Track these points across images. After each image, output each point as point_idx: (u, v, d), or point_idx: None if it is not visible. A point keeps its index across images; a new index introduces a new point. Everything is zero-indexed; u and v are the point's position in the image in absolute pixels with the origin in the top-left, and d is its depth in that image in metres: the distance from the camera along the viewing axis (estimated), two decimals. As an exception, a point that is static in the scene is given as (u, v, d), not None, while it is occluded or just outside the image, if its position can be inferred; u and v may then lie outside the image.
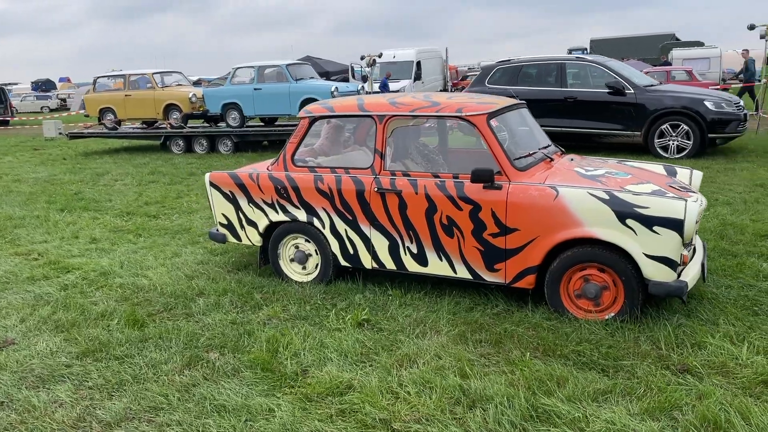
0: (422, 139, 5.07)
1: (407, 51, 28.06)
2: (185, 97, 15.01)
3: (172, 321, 4.15)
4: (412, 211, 4.16)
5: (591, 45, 41.69)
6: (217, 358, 3.55)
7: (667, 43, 37.44)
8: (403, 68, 27.05)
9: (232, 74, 14.63)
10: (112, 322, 4.16)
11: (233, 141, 14.30)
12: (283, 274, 4.81)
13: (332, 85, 13.77)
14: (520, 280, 3.93)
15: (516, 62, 12.01)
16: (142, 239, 6.61)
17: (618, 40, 41.69)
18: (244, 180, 4.82)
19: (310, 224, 4.58)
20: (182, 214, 7.84)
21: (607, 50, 39.11)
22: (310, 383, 3.20)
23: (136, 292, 4.74)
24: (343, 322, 3.94)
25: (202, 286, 4.75)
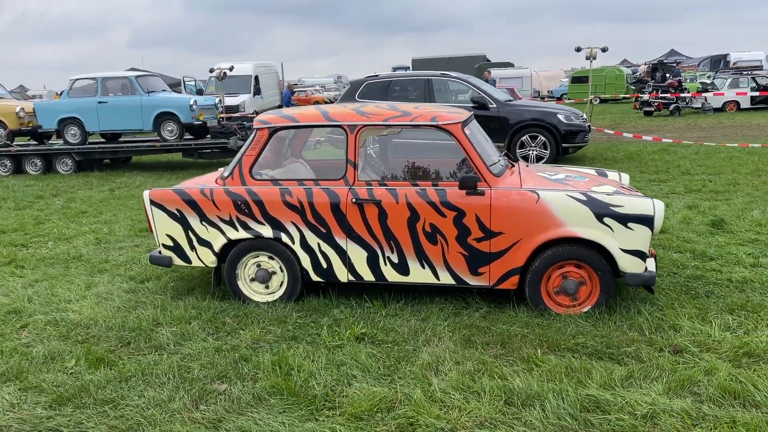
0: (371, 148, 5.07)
1: (245, 65, 27.42)
2: (12, 112, 13.28)
3: (144, 355, 3.68)
4: (393, 220, 4.15)
5: (413, 63, 44.16)
6: (227, 389, 3.23)
7: (482, 63, 40.95)
8: (241, 82, 26.41)
9: (70, 86, 13.21)
10: (69, 364, 3.58)
11: (75, 160, 12.92)
12: (242, 296, 4.50)
13: (191, 98, 13.05)
14: (504, 281, 4.11)
15: (384, 77, 12.40)
16: (28, 271, 5.75)
17: (437, 60, 44.64)
18: (194, 196, 4.43)
19: (276, 240, 4.35)
20: (58, 242, 6.94)
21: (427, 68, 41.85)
22: (349, 402, 3.05)
23: (74, 329, 4.13)
24: (339, 338, 3.80)
25: (154, 315, 4.26)
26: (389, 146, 5.20)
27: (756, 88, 24.12)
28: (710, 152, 12.11)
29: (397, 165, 4.70)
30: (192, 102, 12.77)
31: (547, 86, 44.27)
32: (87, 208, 8.89)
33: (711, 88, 25.22)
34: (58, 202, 9.57)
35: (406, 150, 5.18)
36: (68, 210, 8.85)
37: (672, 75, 27.77)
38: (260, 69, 28.43)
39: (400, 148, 5.63)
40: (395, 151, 5.33)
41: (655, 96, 24.62)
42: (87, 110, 12.87)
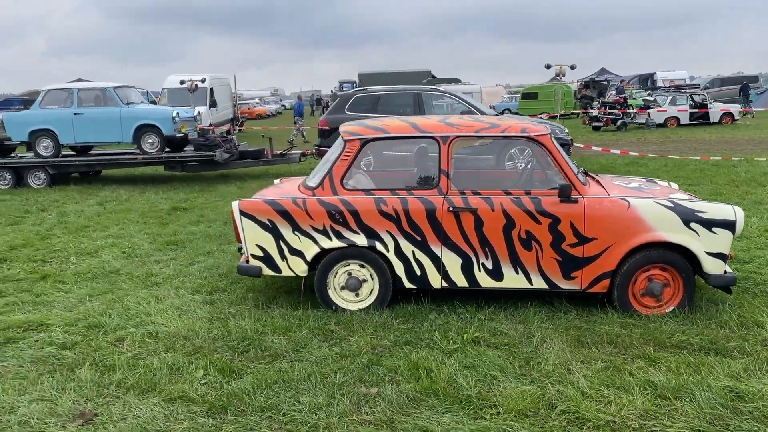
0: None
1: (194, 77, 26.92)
2: (-24, 123, 12.57)
3: (269, 363, 3.68)
4: (488, 228, 4.31)
5: (359, 78, 44.64)
6: (377, 392, 3.29)
7: (431, 79, 41.77)
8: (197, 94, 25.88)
9: (42, 97, 12.66)
10: (197, 374, 3.53)
11: (48, 173, 12.37)
12: (332, 304, 4.53)
13: (173, 110, 12.79)
14: (595, 285, 4.34)
15: (373, 91, 12.59)
16: (72, 286, 5.55)
17: (384, 75, 45.26)
18: (287, 207, 4.45)
19: (370, 248, 4.42)
20: (81, 256, 6.71)
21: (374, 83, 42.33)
22: (506, 401, 3.17)
23: (177, 340, 4.06)
24: (454, 342, 3.91)
25: (253, 325, 4.24)
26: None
27: (693, 105, 25.81)
28: (678, 165, 12.90)
29: (483, 174, 4.87)
30: (175, 114, 12.51)
31: (488, 101, 45.60)
32: (87, 223, 8.58)
33: (653, 105, 26.75)
34: (50, 217, 9.17)
35: (497, 160, 5.36)
36: (67, 225, 8.50)
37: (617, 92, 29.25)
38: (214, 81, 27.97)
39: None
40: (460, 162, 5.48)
41: (603, 112, 25.91)
42: (61, 122, 12.37)
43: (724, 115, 25.45)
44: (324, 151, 12.56)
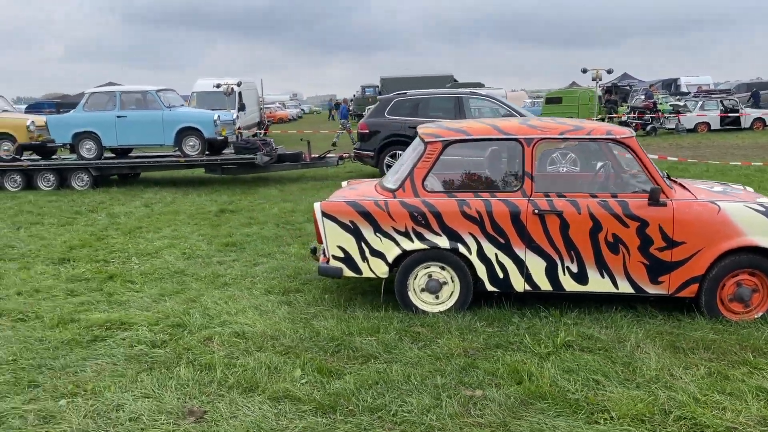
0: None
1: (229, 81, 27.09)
2: (22, 125, 12.76)
3: (363, 364, 3.68)
4: (574, 231, 4.28)
5: (382, 82, 44.64)
6: (483, 395, 3.27)
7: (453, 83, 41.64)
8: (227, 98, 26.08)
9: (85, 100, 12.82)
10: (296, 374, 3.54)
11: (91, 175, 12.51)
12: (412, 305, 4.52)
13: (214, 114, 12.89)
14: (683, 290, 4.29)
15: (413, 95, 12.60)
16: (142, 286, 5.60)
17: (406, 79, 45.20)
18: (369, 208, 4.45)
19: (453, 251, 4.40)
20: (141, 257, 6.77)
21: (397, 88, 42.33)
22: (617, 406, 3.13)
23: (267, 340, 4.07)
24: (546, 346, 3.88)
25: (339, 326, 4.24)
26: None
27: (723, 110, 25.52)
28: (721, 170, 12.73)
29: (565, 177, 4.83)
30: (216, 117, 12.61)
31: (512, 106, 45.38)
32: (139, 224, 8.66)
33: (683, 110, 26.48)
34: (100, 218, 9.27)
35: (582, 163, 5.31)
36: (119, 225, 8.58)
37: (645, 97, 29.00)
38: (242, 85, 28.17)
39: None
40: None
41: (632, 117, 25.70)
42: (104, 124, 12.51)
43: (755, 120, 25.12)
44: (363, 154, 12.60)
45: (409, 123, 12.07)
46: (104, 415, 3.22)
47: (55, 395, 3.47)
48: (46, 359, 3.98)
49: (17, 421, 3.19)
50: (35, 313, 4.95)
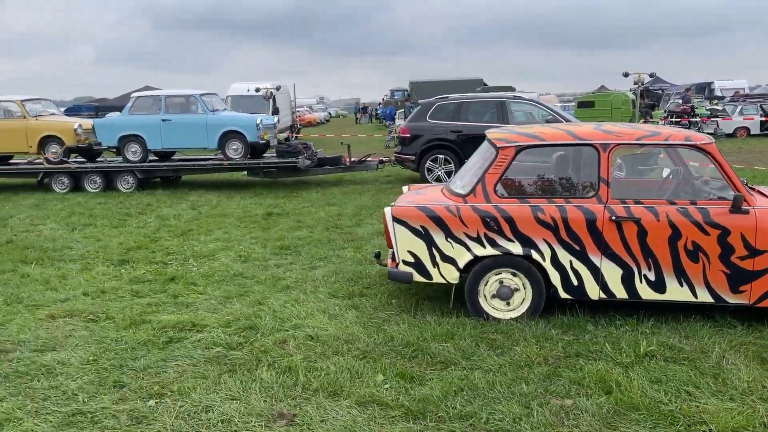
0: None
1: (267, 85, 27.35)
2: (69, 128, 13.01)
3: (443, 370, 3.67)
4: (652, 238, 4.21)
5: (411, 86, 44.53)
6: (573, 404, 3.23)
7: (484, 87, 41.40)
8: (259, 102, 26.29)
9: (131, 104, 13.04)
10: (377, 378, 3.54)
11: (137, 177, 12.71)
12: (482, 312, 4.49)
13: (257, 117, 13.02)
14: (765, 299, 4.19)
15: (455, 99, 12.56)
16: (206, 288, 5.66)
17: (435, 83, 44.97)
18: (440, 213, 4.44)
19: (525, 257, 4.37)
20: (198, 259, 6.85)
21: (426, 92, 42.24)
22: (716, 419, 3.07)
23: (342, 344, 4.09)
24: (627, 356, 3.82)
25: (412, 332, 4.24)
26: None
27: (763, 115, 24.97)
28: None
29: (641, 183, 4.77)
30: (259, 121, 12.73)
31: (542, 111, 44.99)
32: (189, 226, 8.76)
33: (721, 115, 25.98)
34: (150, 220, 9.40)
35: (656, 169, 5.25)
36: (170, 228, 8.70)
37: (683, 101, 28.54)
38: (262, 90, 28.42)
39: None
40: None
41: (669, 121, 25.29)
42: (150, 128, 12.70)
43: (798, 125, 24.54)
44: (404, 158, 12.58)
45: (451, 127, 12.06)
46: (195, 416, 3.26)
47: (143, 395, 3.52)
48: (126, 359, 4.05)
49: (111, 421, 3.25)
50: (105, 314, 5.03)
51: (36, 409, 3.43)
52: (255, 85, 26.78)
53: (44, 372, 3.91)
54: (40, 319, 4.97)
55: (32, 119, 13.08)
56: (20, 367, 4.00)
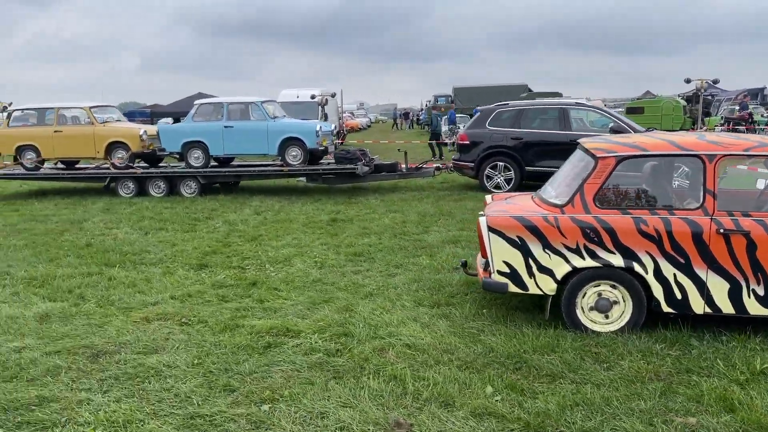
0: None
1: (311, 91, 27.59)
2: (135, 134, 13.38)
3: (551, 384, 3.63)
4: (762, 252, 4.09)
5: (454, 92, 44.41)
6: (697, 423, 3.15)
7: (529, 93, 40.96)
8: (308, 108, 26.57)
9: (194, 111, 13.34)
10: (486, 390, 3.54)
11: (199, 182, 12.97)
12: (579, 324, 4.43)
13: (317, 124, 13.17)
14: None
15: (515, 106, 12.47)
16: (290, 293, 5.74)
17: (478, 89, 44.85)
18: (538, 223, 4.40)
19: (627, 269, 4.29)
20: (275, 264, 6.94)
21: (469, 97, 42.10)
22: None
23: (441, 354, 4.09)
24: (742, 373, 3.71)
25: (508, 343, 4.21)
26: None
27: (829, 122, 24.10)
28: None
29: (747, 195, 4.65)
30: (318, 128, 12.87)
31: (590, 116, 44.22)
32: (257, 232, 8.89)
33: (783, 121, 25.15)
34: (218, 225, 9.57)
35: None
36: (240, 233, 8.84)
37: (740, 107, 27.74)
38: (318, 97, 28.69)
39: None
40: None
41: (728, 128, 24.62)
42: (212, 134, 12.95)
43: None
44: (462, 165, 12.54)
45: (511, 134, 11.97)
46: (311, 422, 3.30)
47: (255, 400, 3.59)
48: (230, 363, 4.12)
49: (231, 425, 3.31)
50: (197, 318, 5.14)
51: (154, 411, 3.52)
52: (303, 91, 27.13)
53: (153, 374, 4.02)
54: (135, 322, 5.11)
55: (100, 125, 13.50)
56: (128, 369, 4.12)
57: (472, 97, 41.71)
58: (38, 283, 6.32)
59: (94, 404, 3.61)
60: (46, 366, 4.19)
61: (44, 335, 4.82)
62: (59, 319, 5.19)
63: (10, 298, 5.85)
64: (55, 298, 5.81)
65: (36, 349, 4.54)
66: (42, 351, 4.49)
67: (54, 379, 4.00)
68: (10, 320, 5.17)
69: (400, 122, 57.72)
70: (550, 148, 11.73)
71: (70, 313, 5.35)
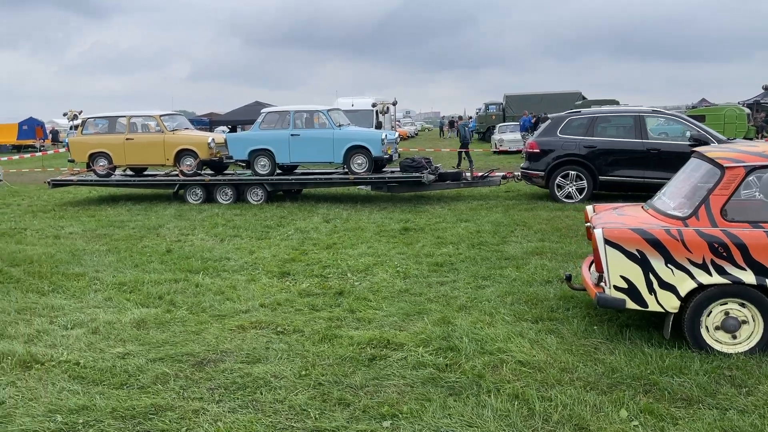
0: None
1: (366, 100, 27.63)
2: (203, 142, 13.57)
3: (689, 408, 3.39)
4: None
5: (506, 99, 43.83)
6: None
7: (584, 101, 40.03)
8: (363, 117, 26.61)
9: (261, 119, 13.46)
10: (621, 414, 3.32)
11: (266, 190, 13.05)
12: (704, 344, 4.16)
13: (382, 133, 13.12)
14: None
15: (588, 113, 12.14)
16: (381, 303, 5.63)
17: (531, 96, 44.16)
18: (660, 237, 4.16)
19: (759, 287, 4.01)
20: (356, 273, 6.85)
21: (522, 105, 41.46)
22: None
23: (558, 374, 3.89)
24: None
25: (629, 363, 3.98)
26: None
27: None
28: None
29: None
30: (384, 136, 12.81)
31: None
32: (330, 240, 8.83)
33: None
34: (290, 233, 9.56)
35: None
36: (314, 241, 8.80)
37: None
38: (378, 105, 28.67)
39: None
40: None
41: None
42: (279, 142, 13.02)
43: None
44: (532, 174, 12.24)
45: (584, 142, 11.64)
46: (439, 442, 3.15)
47: (374, 416, 3.47)
48: (339, 376, 4.03)
49: (357, 442, 3.20)
50: (292, 327, 5.08)
51: (272, 423, 3.44)
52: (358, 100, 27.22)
53: (263, 384, 3.95)
54: (231, 330, 5.08)
55: (170, 133, 13.76)
56: (236, 379, 4.06)
57: (525, 105, 41.10)
58: (128, 289, 6.39)
59: (211, 414, 3.55)
60: (154, 373, 4.18)
61: (144, 341, 4.83)
62: (155, 326, 5.21)
63: (104, 303, 5.92)
64: (148, 304, 5.84)
65: (139, 355, 4.55)
66: (146, 358, 4.49)
67: (164, 387, 3.97)
68: (108, 326, 5.22)
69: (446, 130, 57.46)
70: (626, 157, 11.37)
71: (165, 319, 5.36)
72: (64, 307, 5.77)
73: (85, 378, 4.15)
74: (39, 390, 3.99)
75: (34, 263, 7.48)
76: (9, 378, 4.19)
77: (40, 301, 5.97)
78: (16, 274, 6.99)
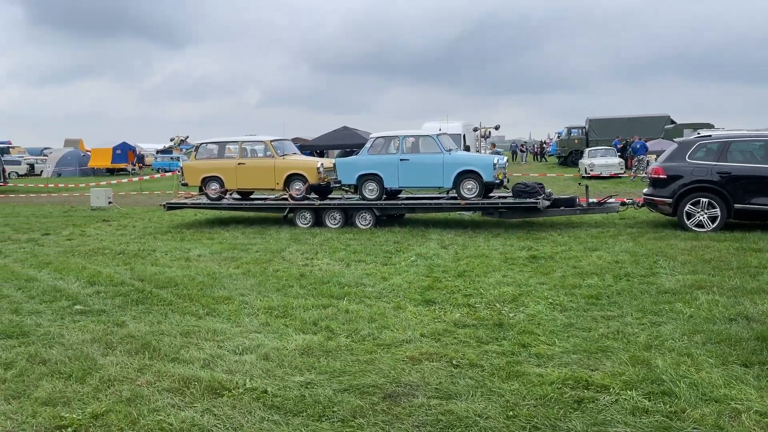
0: None
1: (454, 124, 27.43)
2: (313, 167, 13.68)
3: None
4: None
5: (589, 123, 42.63)
6: None
7: (675, 125, 38.37)
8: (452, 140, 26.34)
9: (370, 144, 13.46)
10: None
11: (374, 214, 12.95)
12: None
13: (494, 158, 12.84)
14: None
15: (719, 138, 11.44)
16: (555, 339, 5.29)
17: (616, 120, 42.76)
18: None
19: None
20: (505, 304, 6.53)
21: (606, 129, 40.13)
22: None
23: None
24: None
25: None
26: None
27: None
28: None
29: None
30: (495, 161, 12.53)
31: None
32: (459, 267, 8.55)
33: None
34: (412, 258, 9.36)
35: None
36: (442, 268, 8.54)
37: None
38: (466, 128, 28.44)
39: None
40: None
41: None
42: (388, 167, 12.95)
43: None
44: (657, 201, 11.55)
45: (717, 168, 10.94)
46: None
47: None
48: (551, 419, 3.73)
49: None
50: (466, 360, 4.84)
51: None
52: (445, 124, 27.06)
53: (471, 424, 3.71)
54: (404, 360, 4.89)
55: (280, 158, 13.98)
56: (439, 416, 3.85)
57: (609, 129, 39.84)
58: (278, 314, 6.34)
59: (432, 456, 3.32)
60: (350, 406, 4.02)
61: (321, 370, 4.70)
62: (323, 353, 5.09)
63: (262, 328, 5.88)
64: (306, 330, 5.75)
65: (322, 385, 4.41)
66: (331, 388, 4.35)
67: (365, 421, 3.80)
68: (276, 352, 5.13)
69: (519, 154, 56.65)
70: (765, 184, 10.59)
71: (330, 347, 5.24)
72: (225, 331, 5.75)
73: (280, 408, 4.04)
74: (238, 418, 3.90)
75: (179, 285, 7.59)
76: (203, 405, 4.12)
77: (200, 324, 5.99)
78: (166, 296, 7.10)
